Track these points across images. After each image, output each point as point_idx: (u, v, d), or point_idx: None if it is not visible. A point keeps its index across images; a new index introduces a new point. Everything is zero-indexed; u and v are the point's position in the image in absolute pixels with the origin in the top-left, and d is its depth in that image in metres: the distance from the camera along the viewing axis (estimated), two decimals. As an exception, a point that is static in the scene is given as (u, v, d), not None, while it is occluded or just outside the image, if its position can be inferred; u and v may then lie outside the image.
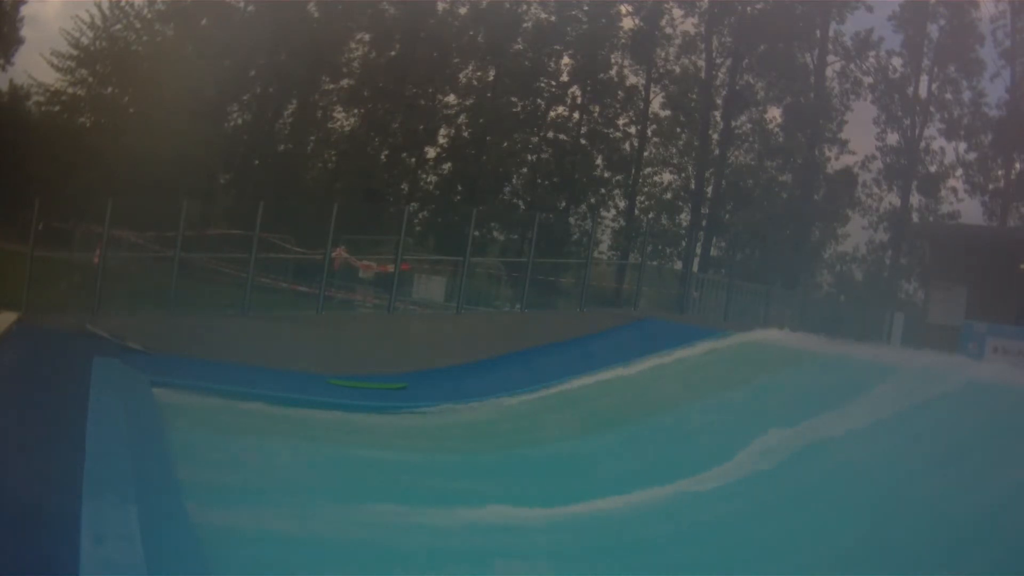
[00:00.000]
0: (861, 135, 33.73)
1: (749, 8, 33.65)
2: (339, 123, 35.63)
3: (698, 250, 33.84)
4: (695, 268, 30.74)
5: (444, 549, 6.58)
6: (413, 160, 35.38)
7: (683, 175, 34.67)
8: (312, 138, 35.22)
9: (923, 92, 32.93)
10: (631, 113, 35.26)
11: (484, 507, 7.47)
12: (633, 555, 6.67)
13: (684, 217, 34.67)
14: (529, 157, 35.60)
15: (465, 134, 35.38)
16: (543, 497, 7.84)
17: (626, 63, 35.12)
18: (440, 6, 34.88)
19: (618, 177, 35.17)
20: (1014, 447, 6.97)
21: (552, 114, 35.51)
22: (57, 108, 31.60)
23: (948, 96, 32.52)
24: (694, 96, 34.04)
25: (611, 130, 35.12)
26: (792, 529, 6.73)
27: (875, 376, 8.93)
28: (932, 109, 32.73)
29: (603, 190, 34.87)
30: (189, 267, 16.27)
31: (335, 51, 33.68)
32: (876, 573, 6.01)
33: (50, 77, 31.07)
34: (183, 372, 11.31)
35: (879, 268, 33.43)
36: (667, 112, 34.74)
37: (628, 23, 34.78)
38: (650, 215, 33.82)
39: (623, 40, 34.67)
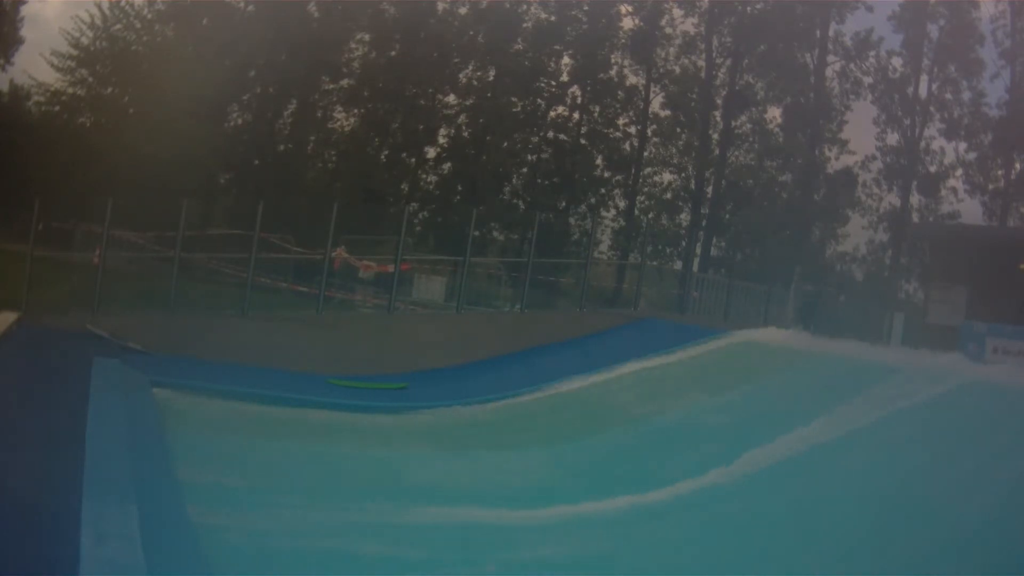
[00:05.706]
0: (861, 135, 33.78)
1: (749, 8, 33.64)
2: (339, 123, 35.67)
3: (698, 250, 33.87)
4: (695, 268, 30.78)
5: (442, 549, 6.59)
6: (413, 160, 35.38)
7: (683, 175, 34.69)
8: (312, 138, 35.21)
9: (923, 92, 32.96)
10: (631, 113, 35.26)
11: (484, 508, 7.47)
12: (631, 556, 6.67)
13: (684, 217, 34.69)
14: (529, 157, 35.60)
15: (465, 134, 35.37)
16: (543, 498, 7.84)
17: (626, 63, 35.12)
18: (440, 6, 34.87)
19: (618, 177, 35.18)
20: (1014, 447, 6.97)
21: (552, 114, 35.53)
22: (57, 108, 31.55)
23: (948, 96, 32.53)
24: (694, 96, 34.03)
25: (611, 130, 35.12)
26: (792, 530, 6.73)
27: (875, 376, 8.93)
28: (932, 109, 32.73)
29: (603, 190, 34.87)
30: (189, 267, 16.26)
31: (335, 51, 33.64)
32: (876, 574, 6.01)
33: (50, 77, 31.06)
34: (183, 372, 11.31)
35: (879, 268, 33.44)
36: (667, 112, 34.76)
37: (628, 23, 34.82)
38: (650, 215, 33.83)
39: (623, 40, 34.66)
